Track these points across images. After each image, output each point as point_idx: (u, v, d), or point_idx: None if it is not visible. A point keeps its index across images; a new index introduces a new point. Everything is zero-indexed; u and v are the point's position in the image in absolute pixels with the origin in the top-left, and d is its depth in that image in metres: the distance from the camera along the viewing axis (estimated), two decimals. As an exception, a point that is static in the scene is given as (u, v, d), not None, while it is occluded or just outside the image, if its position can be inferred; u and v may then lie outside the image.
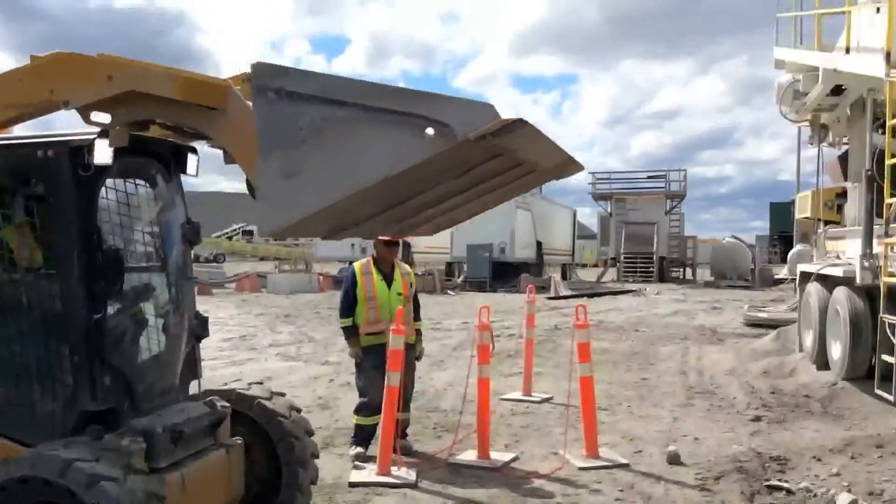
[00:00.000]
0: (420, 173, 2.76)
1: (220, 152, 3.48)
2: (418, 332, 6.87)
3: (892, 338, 7.38)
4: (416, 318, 6.86)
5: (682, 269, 39.23)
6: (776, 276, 25.30)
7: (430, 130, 2.56)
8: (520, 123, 2.57)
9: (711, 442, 6.88)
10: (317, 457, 4.68)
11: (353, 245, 36.89)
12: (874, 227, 8.28)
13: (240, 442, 4.19)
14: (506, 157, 3.02)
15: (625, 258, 36.15)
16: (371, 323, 6.55)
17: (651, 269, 35.56)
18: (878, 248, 8.10)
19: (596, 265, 47.42)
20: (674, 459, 6.26)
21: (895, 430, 7.02)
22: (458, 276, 32.02)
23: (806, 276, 10.98)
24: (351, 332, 6.63)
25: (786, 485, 5.68)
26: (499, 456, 6.44)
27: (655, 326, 16.44)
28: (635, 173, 40.26)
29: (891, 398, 7.42)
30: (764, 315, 16.77)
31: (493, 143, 2.64)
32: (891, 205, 7.68)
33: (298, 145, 2.72)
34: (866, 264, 8.33)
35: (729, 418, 7.84)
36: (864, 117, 9.59)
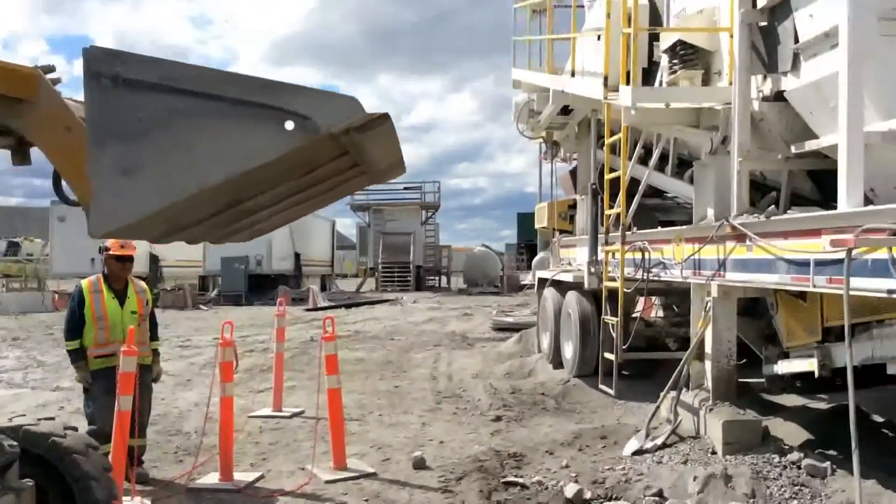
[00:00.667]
0: (271, 171, 2.57)
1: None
2: (155, 353, 6.49)
3: (612, 337, 8.09)
4: (154, 337, 6.47)
5: (437, 278, 40.65)
6: (522, 283, 26.96)
7: (289, 124, 2.41)
8: (385, 118, 2.48)
9: (455, 444, 7.12)
10: (116, 498, 4.28)
11: (92, 260, 34.23)
12: (599, 235, 9.03)
13: (31, 484, 3.69)
14: (350, 156, 2.86)
15: (383, 268, 36.81)
16: (101, 345, 6.07)
17: (408, 278, 36.49)
18: (602, 255, 8.85)
19: (356, 275, 47.80)
20: (419, 464, 6.40)
21: (617, 422, 7.69)
22: (213, 290, 30.84)
23: (543, 282, 11.76)
24: (78, 356, 6.12)
25: (521, 480, 5.99)
26: (243, 476, 6.22)
27: (410, 334, 16.85)
28: (392, 184, 41.16)
29: (612, 392, 8.14)
30: (510, 319, 17.78)
31: (354, 138, 2.51)
32: (609, 215, 8.42)
33: (138, 138, 2.47)
34: (592, 270, 9.08)
35: (473, 420, 8.17)
36: (590, 135, 10.47)
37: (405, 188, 40.53)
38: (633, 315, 9.18)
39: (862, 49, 4.70)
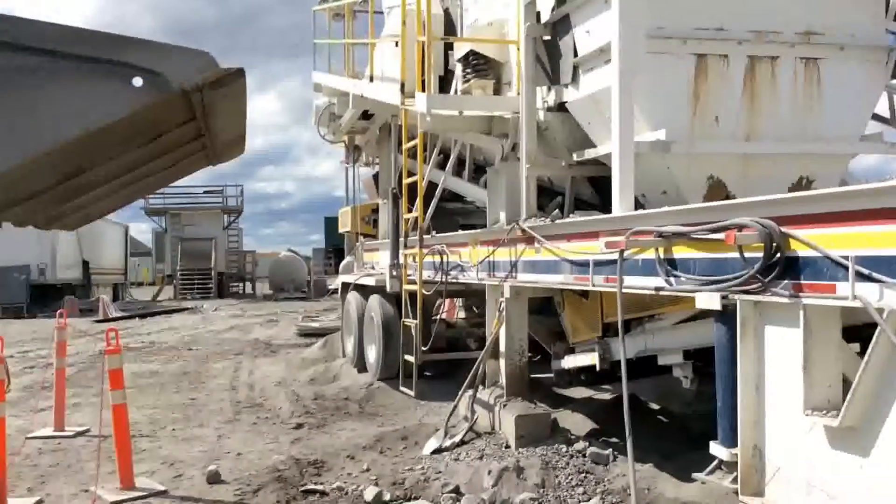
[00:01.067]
0: (118, 133, 2.39)
1: None
2: None
3: (412, 339, 8.22)
4: None
5: (241, 284, 39.50)
6: (329, 287, 26.79)
7: (137, 80, 2.25)
8: (240, 74, 2.35)
9: (254, 455, 6.93)
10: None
11: None
12: (400, 239, 9.15)
13: None
14: (195, 124, 2.67)
15: (182, 275, 35.24)
16: None
17: (210, 285, 35.18)
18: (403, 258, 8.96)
19: (153, 283, 45.42)
20: (214, 478, 6.17)
21: (419, 423, 7.80)
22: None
23: (347, 286, 11.75)
24: None
25: (321, 487, 5.93)
26: (19, 502, 5.72)
27: (210, 343, 16.24)
28: (191, 188, 39.50)
29: (412, 393, 8.26)
30: (315, 325, 17.61)
31: (206, 96, 2.36)
32: (408, 219, 8.55)
33: None
34: (394, 273, 9.18)
35: (274, 429, 8.00)
36: (390, 140, 10.58)
37: (205, 192, 39.06)
38: (435, 317, 9.38)
39: (632, 65, 5.07)
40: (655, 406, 7.60)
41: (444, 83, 8.29)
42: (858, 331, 3.85)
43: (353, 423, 8.11)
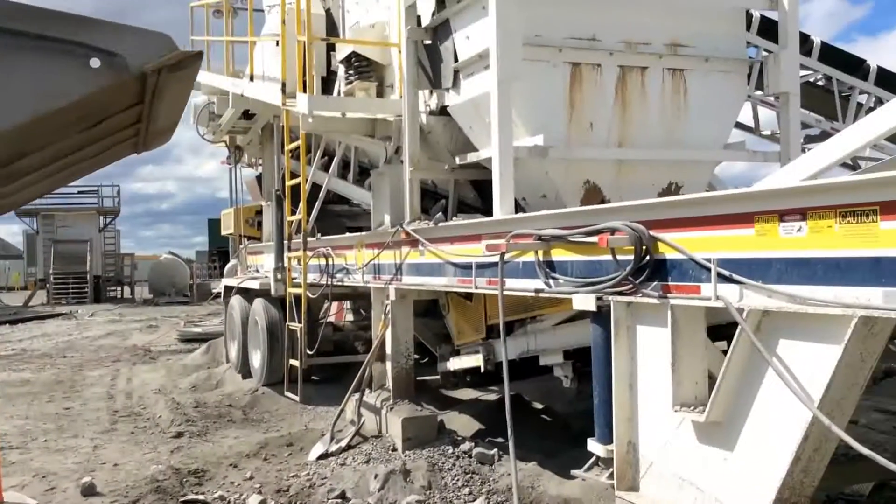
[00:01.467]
0: (68, 116, 2.29)
1: None
2: None
3: (297, 343, 8.11)
4: None
5: (120, 288, 37.93)
6: (214, 291, 26.07)
7: (94, 61, 2.19)
8: (198, 56, 2.31)
9: (131, 466, 6.67)
10: None
11: None
12: (285, 242, 9.00)
13: None
14: (138, 108, 2.59)
15: (55, 279, 33.48)
16: None
17: (85, 290, 33.59)
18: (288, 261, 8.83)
19: (25, 287, 42.99)
20: (88, 491, 5.90)
21: (305, 428, 7.71)
22: None
23: (230, 290, 11.47)
24: None
25: (202, 497, 5.77)
26: None
27: (86, 350, 15.53)
28: (64, 188, 37.55)
29: (297, 398, 8.16)
30: (198, 330, 17.09)
31: (162, 79, 2.30)
32: (291, 222, 8.43)
33: None
34: (279, 276, 9.02)
35: (152, 438, 7.72)
36: (273, 141, 10.40)
37: (80, 192, 37.21)
38: (322, 320, 9.28)
39: (509, 71, 5.17)
40: (539, 405, 7.77)
41: (328, 84, 8.21)
42: (723, 329, 4.07)
43: (237, 431, 7.93)
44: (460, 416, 7.34)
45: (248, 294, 10.46)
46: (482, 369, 6.53)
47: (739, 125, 11.66)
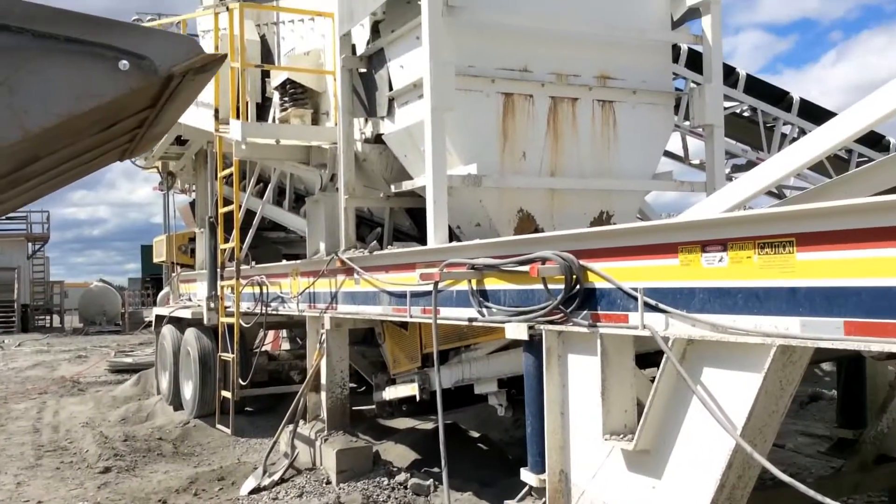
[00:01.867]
0: (86, 120, 2.36)
1: None
2: None
3: (228, 374, 7.96)
4: None
5: (49, 317, 36.75)
6: (146, 320, 25.44)
7: (124, 63, 2.24)
8: (224, 58, 2.36)
9: (56, 503, 6.43)
10: None
11: None
12: (218, 270, 8.84)
13: None
14: (148, 112, 2.64)
15: (-20, 308, 32.32)
16: None
17: (12, 319, 32.46)
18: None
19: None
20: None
21: (238, 461, 7.54)
22: None
23: (161, 319, 11.21)
24: None
25: (127, 537, 5.59)
26: None
27: (11, 382, 14.99)
28: (-9, 214, 36.22)
29: (228, 431, 7.99)
30: (129, 360, 16.66)
31: (187, 82, 2.35)
32: (224, 250, 8.30)
33: None
34: (212, 305, 8.85)
35: (79, 474, 7.46)
36: (206, 167, 10.25)
37: (7, 218, 36.07)
38: (257, 349, 9.13)
39: (443, 101, 5.20)
40: (476, 434, 7.75)
41: (263, 111, 8.15)
42: (652, 357, 4.12)
43: (167, 465, 7.71)
44: (396, 446, 7.27)
45: (181, 323, 10.24)
46: (418, 398, 6.49)
47: (670, 154, 12.00)
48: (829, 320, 2.81)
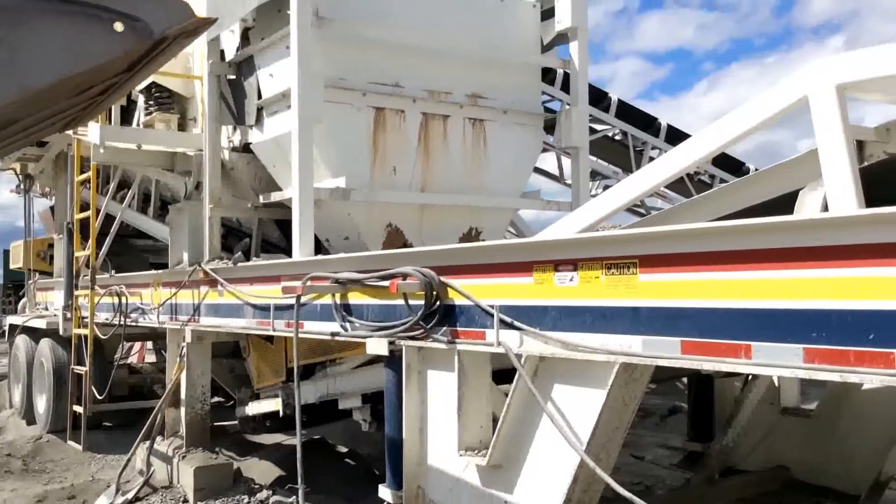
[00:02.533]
0: (71, 83, 2.39)
1: None
2: None
3: (82, 387, 7.58)
4: None
5: None
6: (3, 328, 23.94)
7: (118, 25, 2.22)
8: (213, 22, 2.44)
9: None
10: None
11: None
12: (75, 278, 8.41)
13: None
14: (121, 77, 2.68)
15: None
16: None
17: None
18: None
19: None
20: None
21: (92, 479, 7.17)
22: None
23: (14, 328, 10.58)
24: None
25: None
26: None
27: None
28: None
29: (80, 447, 7.60)
30: (-21, 371, 15.59)
31: (174, 46, 2.41)
32: (79, 258, 7.92)
33: None
34: (68, 315, 8.41)
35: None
36: (67, 171, 9.74)
37: None
38: (117, 362, 8.72)
39: (311, 112, 5.14)
40: (344, 449, 7.66)
41: (128, 114, 7.82)
42: (510, 374, 4.18)
43: (14, 483, 7.23)
44: (260, 462, 7.08)
45: (35, 333, 9.68)
46: (281, 413, 6.35)
47: (547, 173, 12.32)
48: (668, 339, 2.92)
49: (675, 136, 12.43)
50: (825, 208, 2.74)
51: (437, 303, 3.93)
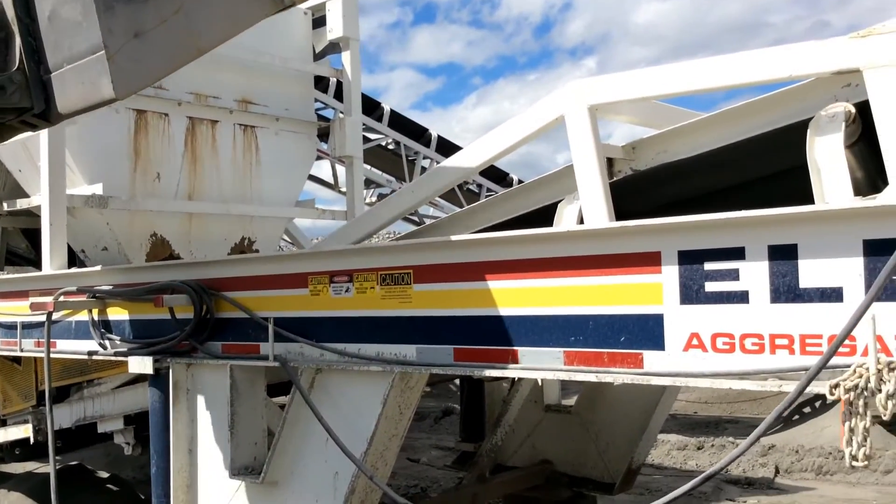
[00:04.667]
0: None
1: None
2: None
3: None
4: None
5: None
6: None
7: None
8: None
9: None
10: None
11: None
12: None
13: None
14: None
15: None
16: None
17: None
18: None
19: None
20: None
21: None
22: None
23: None
24: None
25: None
26: None
27: None
28: None
29: None
30: None
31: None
32: None
33: (142, 2, 2.42)
34: None
35: None
36: None
37: None
38: None
39: (64, 114, 4.73)
40: (105, 474, 7.14)
41: None
42: (287, 386, 4.11)
43: None
44: (10, 493, 6.42)
45: None
46: (32, 440, 5.80)
47: (322, 182, 12.29)
48: (442, 347, 3.00)
49: (445, 147, 12.88)
50: (581, 220, 2.94)
51: (208, 316, 3.78)
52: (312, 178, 11.65)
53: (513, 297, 2.80)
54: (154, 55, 2.51)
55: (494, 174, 13.34)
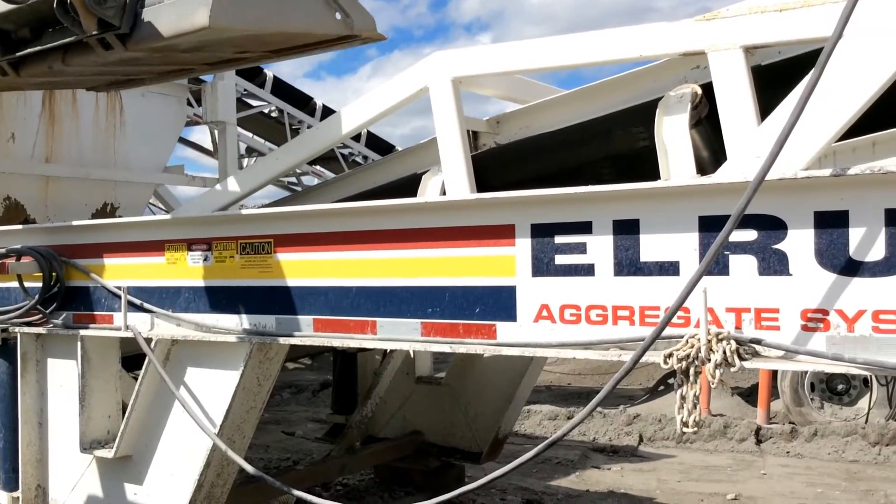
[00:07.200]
0: (260, 42, 2.96)
1: None
2: None
3: None
4: None
5: None
6: None
7: (339, 15, 2.82)
8: (378, 38, 3.00)
9: None
10: None
11: None
12: None
13: None
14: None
15: None
16: None
17: None
18: None
19: None
20: None
21: None
22: None
23: None
24: None
25: None
26: None
27: None
28: None
29: None
30: None
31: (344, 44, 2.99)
32: None
33: None
34: None
35: None
36: None
37: None
38: None
39: None
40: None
41: None
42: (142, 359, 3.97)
43: None
44: None
45: None
46: None
47: (200, 148, 11.87)
48: (301, 318, 2.96)
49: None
50: (444, 193, 2.95)
51: (58, 285, 3.60)
52: (190, 143, 11.27)
53: (372, 267, 2.79)
54: (251, 8, 2.72)
55: (380, 146, 13.25)
